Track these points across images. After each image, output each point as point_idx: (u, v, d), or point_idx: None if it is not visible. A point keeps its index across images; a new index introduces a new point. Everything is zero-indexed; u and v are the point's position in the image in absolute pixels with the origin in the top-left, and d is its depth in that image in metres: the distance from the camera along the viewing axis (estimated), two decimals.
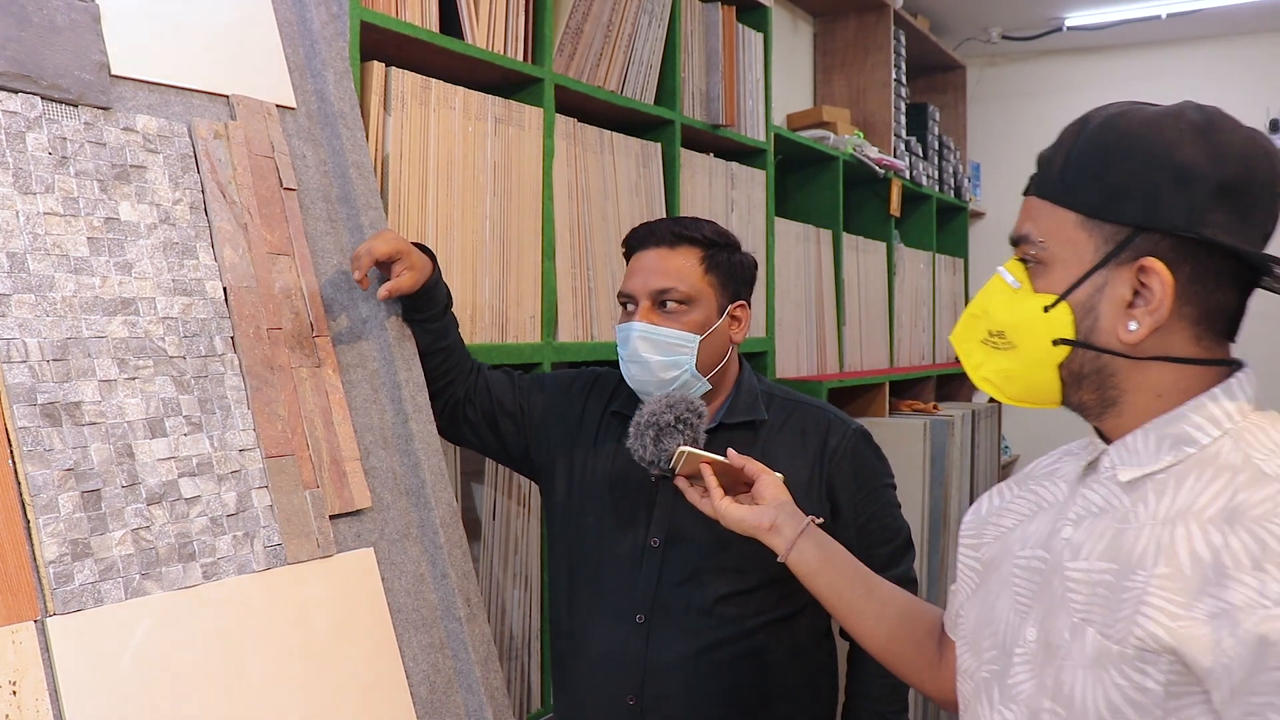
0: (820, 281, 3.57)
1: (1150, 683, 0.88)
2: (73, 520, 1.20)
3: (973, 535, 1.16)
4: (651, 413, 1.53)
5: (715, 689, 1.62)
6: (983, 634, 1.06)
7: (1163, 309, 0.93)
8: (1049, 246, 0.98)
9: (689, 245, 1.68)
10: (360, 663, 1.44)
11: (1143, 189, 0.92)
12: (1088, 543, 0.96)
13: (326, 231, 1.62)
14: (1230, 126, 0.93)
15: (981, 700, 1.05)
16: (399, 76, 1.88)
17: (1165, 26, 5.05)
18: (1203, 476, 0.92)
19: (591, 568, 1.71)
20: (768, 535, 1.37)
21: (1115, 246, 0.94)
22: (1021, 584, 1.03)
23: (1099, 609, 0.92)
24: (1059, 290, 0.97)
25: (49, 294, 1.26)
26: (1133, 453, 0.97)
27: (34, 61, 1.31)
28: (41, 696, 1.12)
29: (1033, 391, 1.02)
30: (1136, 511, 0.94)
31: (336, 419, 1.53)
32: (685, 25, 2.72)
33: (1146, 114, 0.95)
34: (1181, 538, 0.89)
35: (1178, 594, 0.87)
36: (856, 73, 4.31)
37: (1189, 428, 0.94)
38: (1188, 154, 0.91)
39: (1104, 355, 0.96)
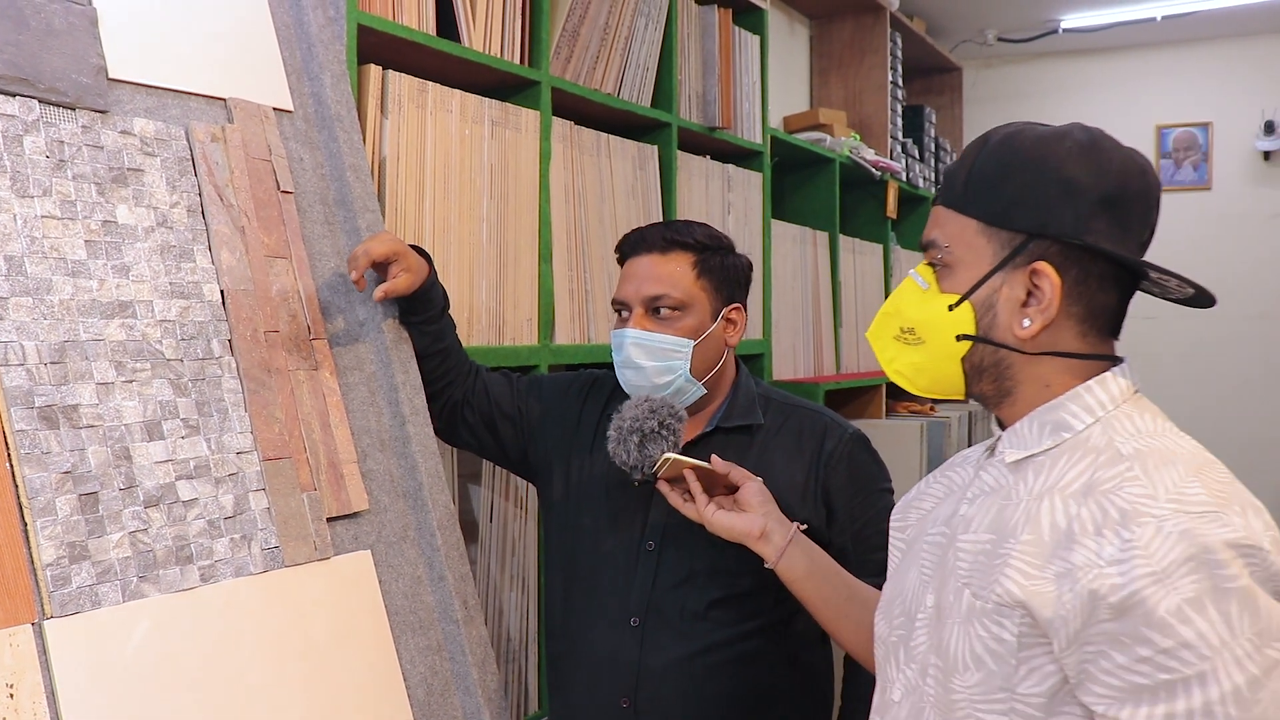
0: (817, 283, 3.57)
1: (1006, 634, 0.98)
2: (70, 523, 1.20)
3: (899, 519, 1.27)
4: (634, 418, 1.53)
5: (709, 692, 1.62)
6: (894, 604, 1.17)
7: (1052, 308, 1.03)
8: (953, 251, 1.08)
9: (681, 250, 1.68)
10: (358, 665, 1.44)
11: (1034, 200, 1.03)
12: (977, 517, 1.07)
13: (324, 234, 1.62)
14: (1111, 145, 1.05)
15: (890, 662, 1.15)
16: (396, 79, 1.88)
17: (1160, 29, 5.06)
18: (1073, 457, 1.02)
19: (587, 570, 1.71)
20: (757, 543, 1.43)
21: (1011, 251, 1.05)
22: (927, 558, 1.13)
23: (977, 573, 1.03)
24: (962, 290, 1.07)
25: (47, 297, 1.26)
26: (1020, 437, 1.07)
27: (31, 65, 1.31)
28: (39, 699, 1.12)
29: (940, 383, 1.12)
30: (1017, 488, 1.05)
31: (334, 421, 1.54)
32: (681, 28, 2.72)
33: (1039, 133, 1.06)
34: (1046, 510, 1.00)
35: (1034, 557, 0.97)
36: (853, 75, 4.32)
37: (1066, 415, 1.05)
38: (1073, 169, 1.02)
39: (1001, 349, 1.07)
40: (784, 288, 3.33)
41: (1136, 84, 5.37)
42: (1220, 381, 5.25)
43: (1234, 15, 4.89)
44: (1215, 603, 0.88)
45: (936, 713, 1.05)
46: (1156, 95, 5.35)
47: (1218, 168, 5.27)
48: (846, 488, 1.69)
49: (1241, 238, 5.23)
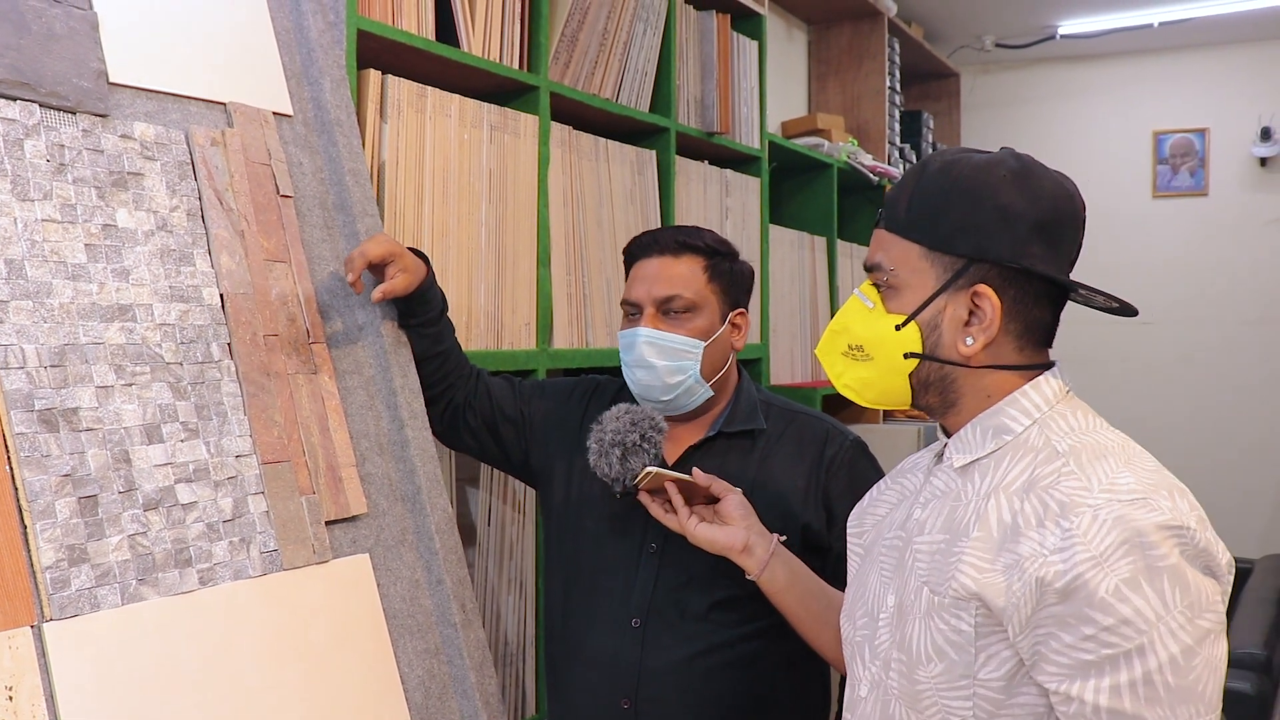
0: (815, 288, 3.58)
1: (964, 625, 1.05)
2: (70, 526, 1.21)
3: (855, 525, 1.33)
4: (615, 430, 1.54)
5: (709, 694, 1.63)
6: (857, 606, 1.24)
7: (993, 327, 1.10)
8: (898, 274, 1.14)
9: (692, 254, 1.70)
10: (356, 668, 1.45)
11: (974, 227, 1.10)
12: (930, 520, 1.14)
13: (323, 238, 1.63)
14: (1041, 172, 1.12)
15: (856, 661, 1.21)
16: (395, 84, 1.89)
17: (1157, 35, 5.07)
18: (1014, 457, 1.10)
19: (588, 572, 1.71)
20: (740, 556, 1.47)
21: (953, 275, 1.11)
22: (885, 560, 1.20)
23: (934, 572, 1.10)
24: (908, 311, 1.14)
25: (47, 300, 1.26)
26: (965, 443, 1.14)
27: (33, 69, 1.31)
28: (38, 702, 1.13)
29: (887, 395, 1.19)
30: (965, 490, 1.12)
31: (332, 425, 1.54)
32: (680, 33, 2.73)
33: (974, 162, 1.12)
34: (993, 508, 1.07)
35: (985, 552, 1.05)
36: (851, 80, 4.32)
37: (1005, 419, 1.12)
38: (1009, 197, 1.09)
39: (946, 365, 1.14)
40: (782, 292, 3.33)
41: (1134, 90, 5.39)
42: (1218, 386, 5.25)
43: (1231, 21, 4.90)
44: (1149, 581, 0.97)
45: (903, 704, 1.12)
46: (1154, 101, 5.36)
47: (1214, 174, 5.28)
48: (847, 493, 1.70)
49: (1238, 243, 5.24)
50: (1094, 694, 0.98)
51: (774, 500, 1.65)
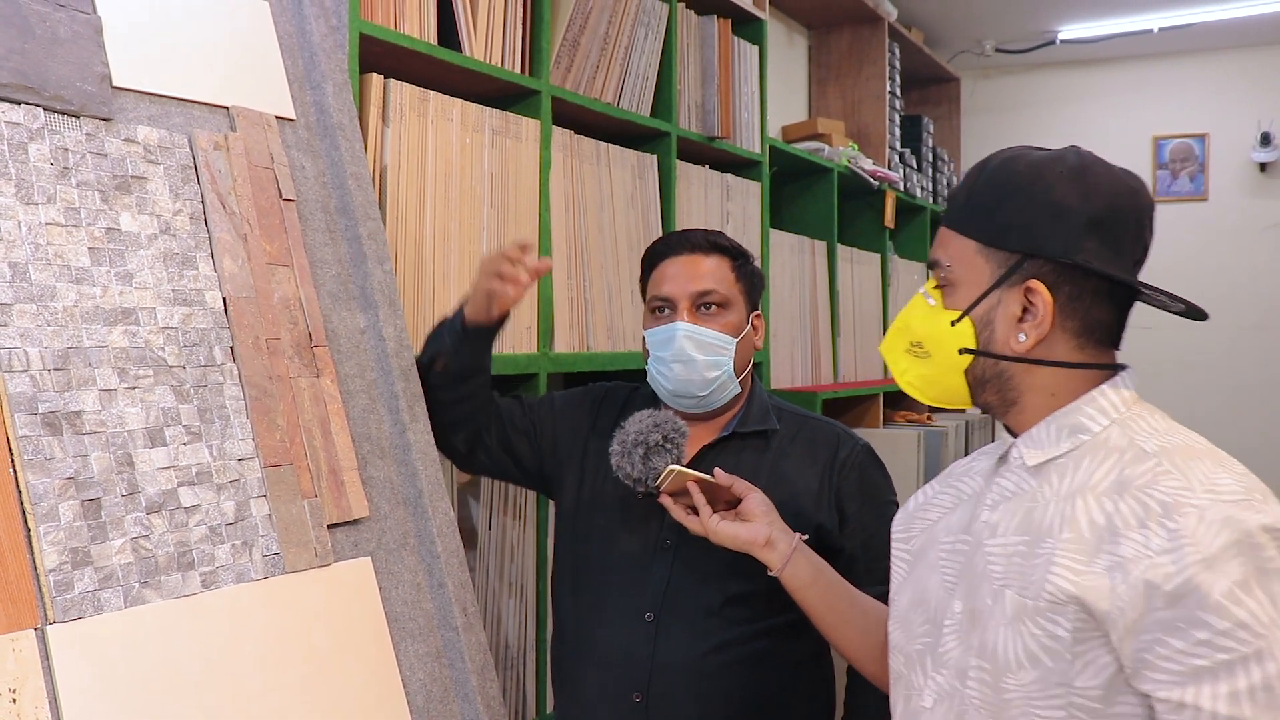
0: (815, 293, 3.58)
1: (1060, 630, 1.02)
2: (73, 529, 1.21)
3: (902, 530, 1.31)
4: (638, 431, 1.54)
5: (720, 689, 1.63)
6: (914, 612, 1.21)
7: (1045, 323, 1.10)
8: (955, 270, 1.15)
9: (720, 253, 1.74)
10: (357, 671, 1.45)
11: (1026, 223, 1.10)
12: (1003, 522, 1.12)
13: (325, 242, 1.63)
14: (1102, 169, 1.11)
15: (915, 670, 1.19)
16: (397, 88, 1.89)
17: (1157, 40, 5.08)
18: (1096, 458, 1.08)
19: (600, 569, 1.72)
20: (762, 551, 1.46)
21: (1006, 270, 1.11)
22: (948, 566, 1.18)
23: (1015, 575, 1.07)
24: (962, 307, 1.14)
25: (50, 304, 1.26)
26: (1037, 442, 1.13)
27: (37, 73, 1.32)
28: (41, 704, 1.13)
29: (947, 393, 1.19)
30: (1043, 491, 1.10)
31: (334, 429, 1.54)
32: (681, 38, 2.74)
33: (1034, 158, 1.12)
34: (1081, 509, 1.05)
35: (1080, 553, 1.02)
36: (851, 85, 4.33)
37: (1082, 418, 1.11)
38: (1063, 193, 1.09)
39: (1001, 361, 1.13)
40: (782, 297, 3.33)
41: (1133, 95, 5.39)
42: (1217, 391, 5.26)
43: (1231, 27, 4.91)
44: (1261, 584, 0.95)
45: (984, 715, 1.08)
46: (1153, 106, 5.37)
47: (1214, 179, 5.29)
48: (857, 496, 1.72)
49: (1238, 249, 5.25)
50: (1211, 700, 0.94)
51: (787, 500, 1.66)
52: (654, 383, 1.72)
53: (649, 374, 1.74)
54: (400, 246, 1.89)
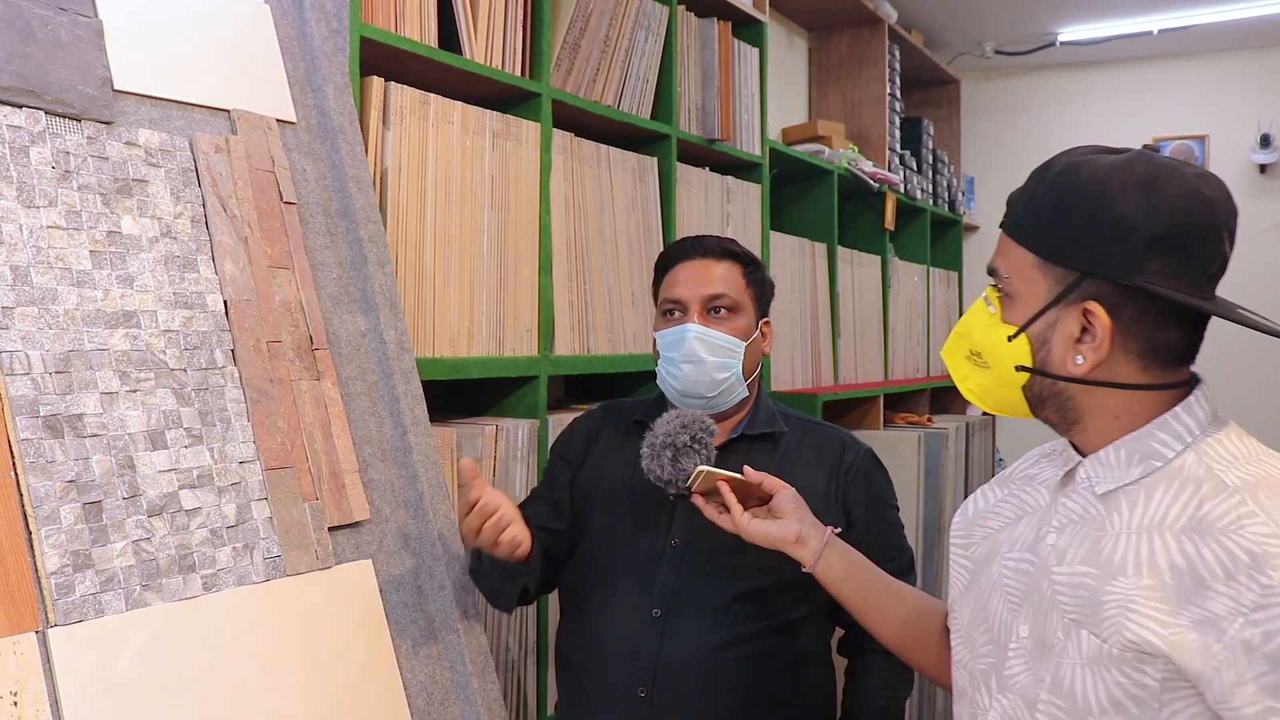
0: (815, 295, 3.58)
1: (1147, 680, 0.98)
2: (74, 531, 1.21)
3: (962, 536, 1.26)
4: (666, 433, 1.55)
5: (725, 686, 1.64)
6: (977, 629, 1.17)
7: (1104, 347, 1.03)
8: (1012, 282, 1.09)
9: (732, 259, 1.77)
10: (358, 674, 1.45)
11: (1087, 239, 1.02)
12: (1070, 549, 1.07)
13: (326, 245, 1.63)
14: (1173, 180, 1.01)
15: (980, 689, 1.15)
16: (398, 91, 1.89)
17: (1157, 42, 5.08)
18: (1170, 489, 1.02)
19: (606, 568, 1.73)
20: (794, 548, 1.43)
21: (1064, 289, 1.05)
22: (1012, 584, 1.13)
23: (1087, 612, 1.02)
24: (1019, 323, 1.08)
25: (52, 307, 1.27)
26: (1106, 466, 1.07)
27: (38, 77, 1.32)
28: (42, 707, 1.13)
29: (1006, 405, 1.13)
30: (1111, 520, 1.05)
31: (335, 431, 1.54)
32: (681, 40, 2.74)
33: (1098, 166, 1.04)
34: (1160, 550, 0.99)
35: (1163, 603, 0.97)
36: (851, 87, 4.33)
37: (1155, 444, 1.05)
38: (1126, 208, 1.00)
39: (1059, 381, 1.07)
40: (782, 299, 3.33)
41: (1133, 97, 5.40)
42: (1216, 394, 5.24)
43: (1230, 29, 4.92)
44: None
45: None
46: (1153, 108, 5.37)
47: None
48: (863, 499, 1.75)
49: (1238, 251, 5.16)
50: None
51: None
52: (663, 383, 1.74)
53: (659, 375, 1.76)
54: (401, 249, 1.89)
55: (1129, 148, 1.07)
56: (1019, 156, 5.54)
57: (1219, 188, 1.04)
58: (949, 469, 3.62)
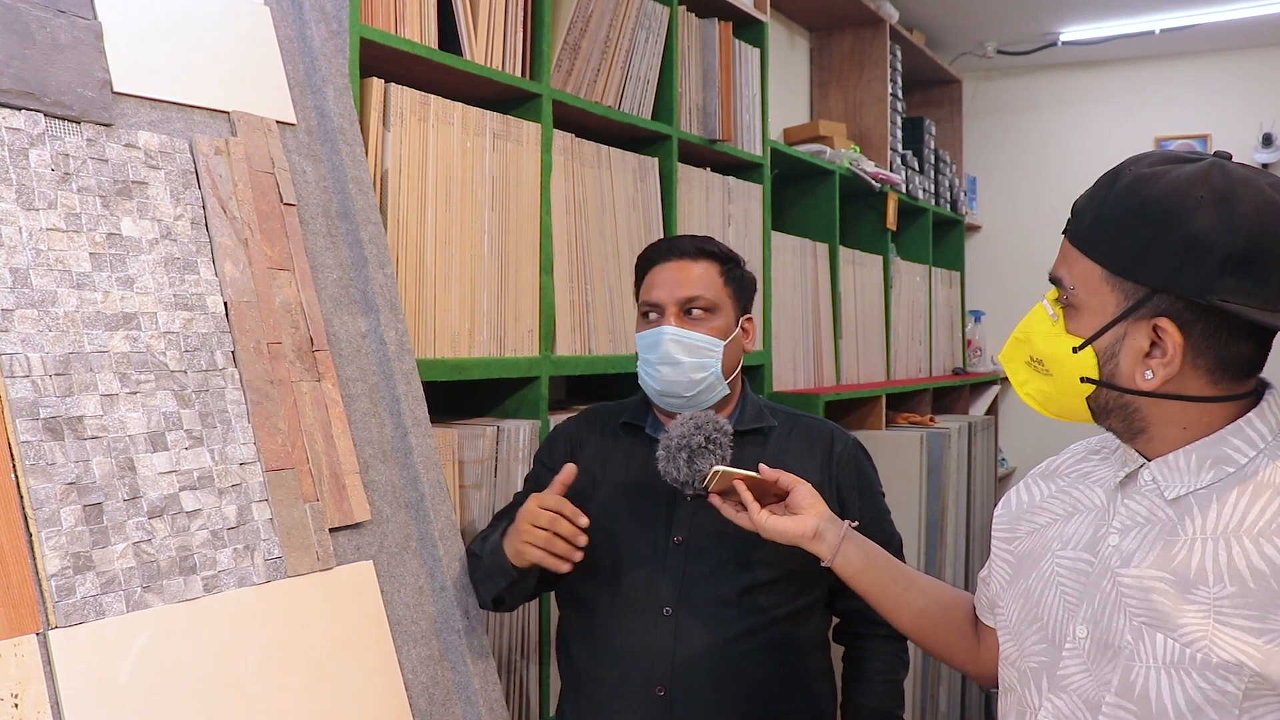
0: (817, 295, 3.58)
1: (1230, 688, 0.98)
2: (75, 533, 1.21)
3: (1006, 529, 1.26)
4: (681, 435, 1.56)
5: (741, 678, 1.67)
6: (1028, 627, 1.16)
7: (1174, 363, 1.02)
8: (1078, 293, 1.07)
9: (709, 259, 1.77)
10: (360, 675, 1.45)
11: (1159, 255, 1.00)
12: (1138, 551, 1.07)
13: (326, 246, 1.63)
14: (1248, 194, 0.99)
15: (1030, 687, 1.15)
16: (398, 92, 1.89)
17: (1159, 41, 5.08)
18: (1245, 494, 1.02)
19: (611, 571, 1.73)
20: (812, 543, 1.44)
21: (1134, 303, 1.03)
22: (1068, 583, 1.13)
23: (1161, 617, 1.02)
24: (1085, 335, 1.07)
25: (51, 309, 1.27)
26: (1175, 471, 1.07)
27: (37, 79, 1.32)
28: (43, 709, 1.13)
29: (1067, 412, 1.13)
30: (1184, 525, 1.05)
31: (336, 433, 1.54)
32: (682, 41, 2.74)
33: (1170, 180, 1.01)
34: (1239, 555, 1.00)
35: (1250, 609, 0.98)
36: (853, 87, 4.33)
37: (1228, 449, 1.04)
38: (1201, 225, 0.98)
39: (1126, 394, 1.07)
40: (784, 299, 3.33)
41: (1135, 96, 5.39)
42: None
43: (1232, 28, 4.91)
44: None
45: None
46: (1155, 108, 5.36)
47: None
48: (854, 489, 1.78)
49: None
50: None
51: None
52: (643, 384, 1.77)
53: (639, 376, 1.77)
54: (401, 250, 1.89)
55: (1199, 154, 1.05)
56: (1021, 156, 5.55)
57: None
58: (951, 469, 3.62)
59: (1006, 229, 5.53)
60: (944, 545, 3.56)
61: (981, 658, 1.37)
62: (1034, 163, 5.53)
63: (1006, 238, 5.51)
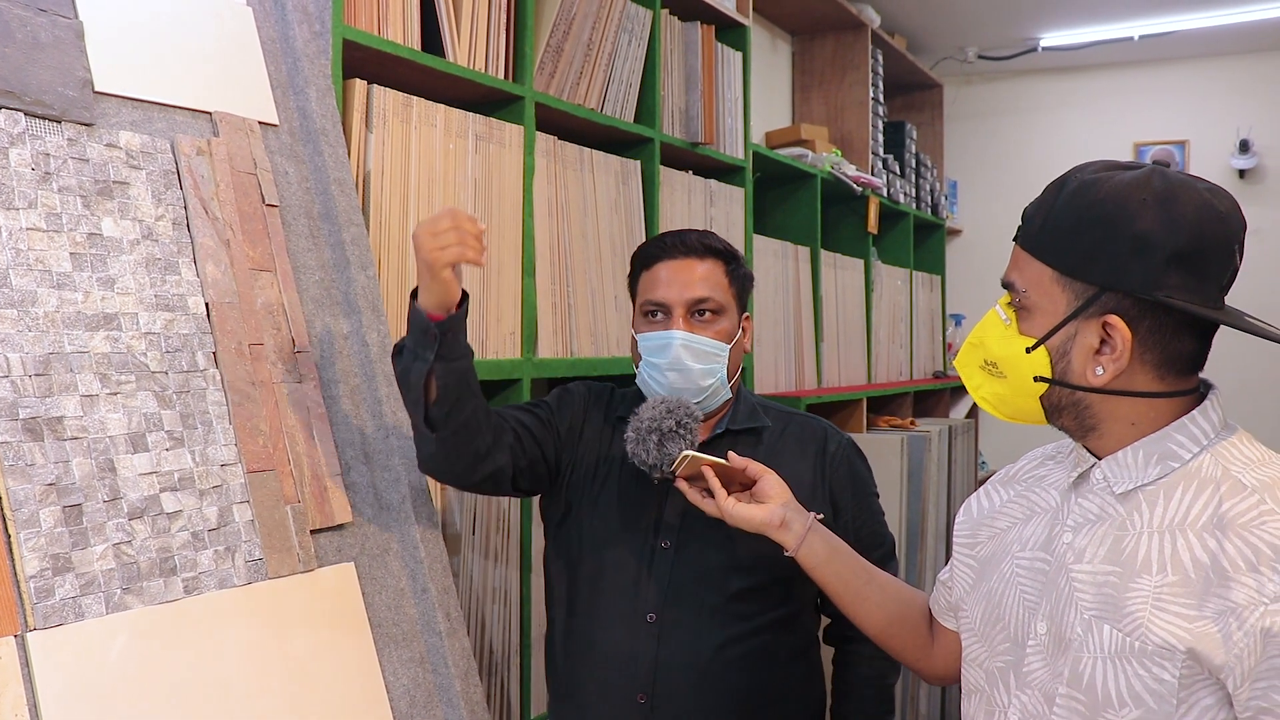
0: (799, 298, 3.59)
1: (1166, 675, 1.02)
2: (54, 535, 1.20)
3: (968, 535, 1.29)
4: (652, 418, 1.55)
5: (725, 686, 1.64)
6: (993, 628, 1.20)
7: (1124, 358, 1.07)
8: (1030, 296, 1.11)
9: (715, 257, 1.72)
10: (341, 677, 1.44)
11: (1106, 255, 1.05)
12: (1090, 547, 1.10)
13: (308, 248, 1.63)
14: (1188, 196, 1.04)
15: (998, 687, 1.18)
16: (381, 94, 1.89)
17: (1138, 48, 5.12)
18: (1190, 489, 1.07)
19: (595, 573, 1.70)
20: (778, 532, 1.45)
21: (1084, 303, 1.08)
22: (1027, 583, 1.16)
23: (1109, 608, 1.06)
24: (1038, 335, 1.11)
25: (31, 309, 1.26)
26: (1124, 467, 1.11)
27: (17, 78, 1.31)
28: (21, 711, 1.12)
29: (1021, 414, 1.16)
30: (1132, 519, 1.09)
31: (318, 434, 1.54)
32: (665, 44, 2.74)
33: (1115, 183, 1.06)
34: (1182, 547, 1.04)
35: (1188, 597, 1.01)
36: (834, 91, 4.35)
37: (1173, 445, 1.09)
38: (1145, 225, 1.03)
39: (1077, 391, 1.11)
40: (766, 302, 3.34)
41: (1114, 102, 5.43)
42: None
43: (1210, 35, 4.95)
44: None
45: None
46: (1134, 113, 5.40)
47: None
48: (848, 488, 1.76)
49: None
50: None
51: None
52: (645, 386, 1.71)
53: (640, 377, 1.72)
54: (384, 252, 1.89)
55: (1140, 163, 1.10)
56: (1002, 160, 5.58)
57: (1230, 202, 1.07)
58: (932, 471, 3.63)
59: (987, 233, 5.56)
60: (924, 547, 3.57)
61: (934, 656, 1.40)
62: (1015, 167, 5.56)
63: (987, 242, 5.53)
